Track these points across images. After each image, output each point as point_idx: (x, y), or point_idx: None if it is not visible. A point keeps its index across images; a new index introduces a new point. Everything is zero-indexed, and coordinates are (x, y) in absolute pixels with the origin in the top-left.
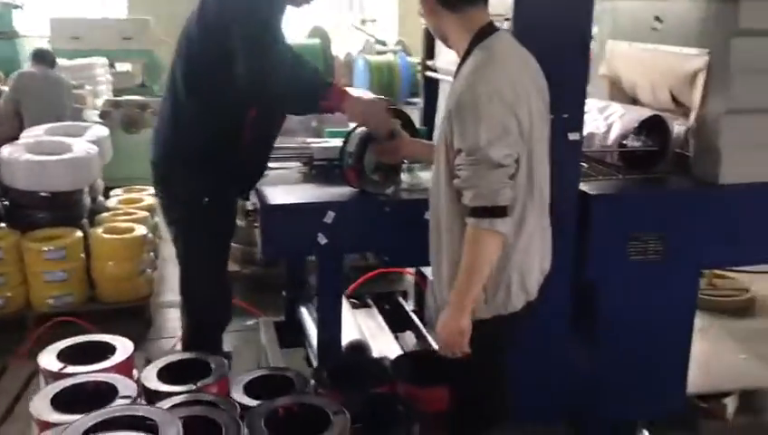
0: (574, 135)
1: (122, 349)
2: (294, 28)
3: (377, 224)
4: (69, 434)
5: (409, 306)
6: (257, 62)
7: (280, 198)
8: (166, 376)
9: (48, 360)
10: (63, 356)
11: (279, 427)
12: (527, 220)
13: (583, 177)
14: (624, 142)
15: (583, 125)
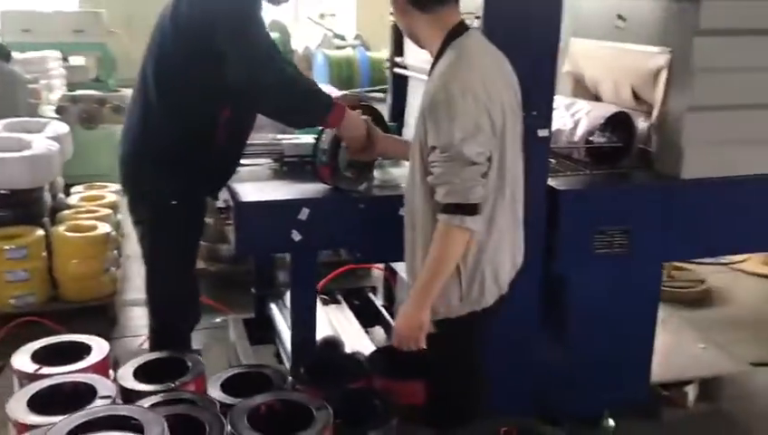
0: (543, 132)
1: (98, 349)
2: None
3: (351, 221)
4: None
5: (379, 301)
6: (246, 55)
7: (254, 195)
8: (141, 375)
9: (22, 361)
10: (37, 357)
11: (261, 424)
12: (498, 217)
13: (551, 172)
14: (590, 139)
15: (552, 122)
